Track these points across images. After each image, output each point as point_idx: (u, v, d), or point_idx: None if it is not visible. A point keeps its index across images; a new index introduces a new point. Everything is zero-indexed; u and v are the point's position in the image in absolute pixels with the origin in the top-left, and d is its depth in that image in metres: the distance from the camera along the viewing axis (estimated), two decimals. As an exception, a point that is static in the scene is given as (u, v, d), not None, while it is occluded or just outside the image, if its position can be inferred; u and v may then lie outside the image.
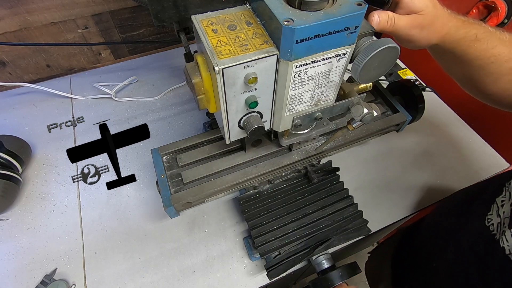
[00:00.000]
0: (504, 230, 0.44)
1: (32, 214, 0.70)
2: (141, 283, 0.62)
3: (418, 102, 0.73)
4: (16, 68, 0.88)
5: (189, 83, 0.43)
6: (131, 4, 0.88)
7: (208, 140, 0.66)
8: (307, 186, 0.68)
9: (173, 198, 0.57)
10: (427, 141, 0.84)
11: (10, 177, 0.67)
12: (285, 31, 0.35)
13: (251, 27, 0.40)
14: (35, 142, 0.80)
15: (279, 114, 0.48)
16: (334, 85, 0.47)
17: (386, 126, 0.69)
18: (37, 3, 0.78)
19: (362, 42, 0.42)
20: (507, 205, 0.45)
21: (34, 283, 0.61)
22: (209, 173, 0.61)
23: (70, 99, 0.90)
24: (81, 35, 0.89)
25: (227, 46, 0.38)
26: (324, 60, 0.41)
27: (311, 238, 0.62)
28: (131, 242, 0.67)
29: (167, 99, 0.91)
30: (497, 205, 0.47)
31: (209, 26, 0.40)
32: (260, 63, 0.38)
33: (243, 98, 0.43)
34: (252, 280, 0.63)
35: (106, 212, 0.70)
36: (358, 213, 0.65)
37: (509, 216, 0.44)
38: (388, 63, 0.43)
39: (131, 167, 0.77)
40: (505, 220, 0.44)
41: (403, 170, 0.79)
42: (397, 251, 0.78)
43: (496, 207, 0.47)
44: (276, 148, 0.64)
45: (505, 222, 0.44)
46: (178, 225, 0.69)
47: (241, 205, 0.65)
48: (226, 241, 0.67)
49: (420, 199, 0.74)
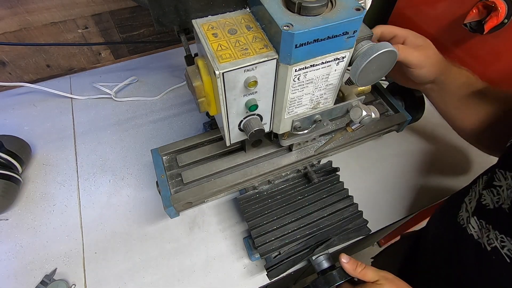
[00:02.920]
0: (469, 220, 0.50)
1: (32, 214, 0.70)
2: (141, 283, 0.63)
3: (418, 102, 0.73)
4: (16, 68, 0.88)
5: (190, 86, 0.43)
6: (131, 4, 0.88)
7: (208, 140, 0.66)
8: (307, 186, 0.68)
9: (173, 198, 0.57)
10: (427, 141, 0.84)
11: (10, 177, 0.67)
12: (284, 36, 0.35)
13: (251, 31, 0.40)
14: (35, 142, 0.81)
15: (278, 117, 0.48)
16: (333, 88, 0.47)
17: (386, 126, 0.70)
18: (37, 3, 0.78)
19: (361, 46, 0.42)
20: (473, 201, 0.52)
21: (34, 283, 0.62)
22: (209, 173, 0.61)
23: (70, 99, 0.90)
24: (81, 35, 0.89)
25: (228, 50, 0.38)
26: (323, 64, 0.41)
27: (311, 238, 0.62)
28: (131, 242, 0.67)
29: (167, 99, 0.92)
30: (466, 204, 0.53)
31: (209, 30, 0.40)
32: (260, 67, 0.39)
33: (243, 101, 0.43)
34: (252, 280, 0.63)
35: (106, 212, 0.71)
36: (358, 213, 0.65)
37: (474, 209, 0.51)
38: (387, 66, 0.43)
39: (131, 167, 0.78)
40: (472, 213, 0.51)
41: (403, 170, 0.79)
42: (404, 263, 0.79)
43: (465, 205, 0.54)
44: (276, 149, 0.64)
45: (470, 214, 0.51)
46: (178, 225, 0.69)
47: (241, 205, 0.65)
48: (226, 241, 0.68)
49: (420, 199, 0.74)
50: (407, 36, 0.56)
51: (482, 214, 0.49)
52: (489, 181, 0.49)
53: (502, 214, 0.44)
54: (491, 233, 0.45)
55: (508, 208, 0.43)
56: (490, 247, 0.45)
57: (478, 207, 0.50)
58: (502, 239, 0.43)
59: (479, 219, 0.49)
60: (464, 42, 0.85)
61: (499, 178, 0.47)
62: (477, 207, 0.50)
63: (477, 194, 0.52)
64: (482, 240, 0.47)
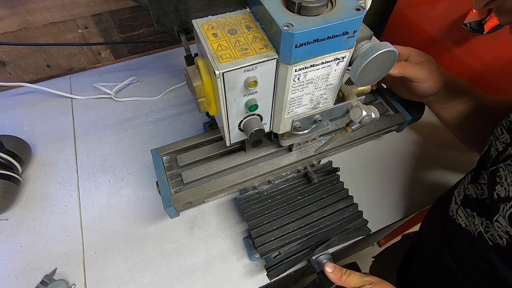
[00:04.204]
0: (457, 210, 0.55)
1: (32, 214, 0.70)
2: (141, 283, 0.63)
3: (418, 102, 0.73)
4: (16, 68, 0.88)
5: (190, 86, 0.43)
6: (131, 4, 0.88)
7: (208, 140, 0.66)
8: (307, 186, 0.68)
9: (173, 198, 0.57)
10: (427, 141, 0.84)
11: (10, 177, 0.67)
12: (284, 36, 0.35)
13: (251, 31, 0.40)
14: (35, 142, 0.81)
15: (278, 117, 0.48)
16: (333, 88, 0.47)
17: (386, 126, 0.70)
18: (37, 3, 0.78)
19: (361, 46, 0.42)
20: (462, 194, 0.56)
21: (34, 283, 0.62)
22: (209, 174, 0.61)
23: (70, 99, 0.91)
24: (81, 35, 0.89)
25: (228, 50, 0.38)
26: (323, 64, 0.41)
27: (311, 238, 0.62)
28: (131, 242, 0.67)
29: (167, 99, 0.92)
30: (455, 196, 0.58)
31: (209, 30, 0.40)
32: (260, 67, 0.39)
33: (243, 101, 0.43)
34: (252, 280, 0.63)
35: (106, 212, 0.71)
36: (358, 213, 0.65)
37: (462, 200, 0.55)
38: (387, 66, 0.43)
39: (131, 167, 0.78)
40: (460, 204, 0.55)
41: (403, 170, 0.79)
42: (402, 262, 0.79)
43: (454, 198, 0.58)
44: (276, 149, 0.64)
45: (459, 205, 0.55)
46: (178, 225, 0.69)
47: (241, 205, 0.65)
48: (226, 241, 0.68)
49: (420, 199, 0.74)
50: (410, 53, 0.61)
51: (467, 204, 0.53)
52: (475, 178, 0.54)
53: (484, 202, 0.50)
54: (476, 219, 0.50)
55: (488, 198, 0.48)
56: (476, 233, 0.49)
57: (464, 198, 0.55)
58: (487, 225, 0.47)
59: (465, 208, 0.53)
60: (464, 42, 0.85)
61: (484, 177, 0.51)
62: (464, 198, 0.55)
63: (466, 187, 0.56)
64: (470, 227, 0.51)
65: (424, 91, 0.61)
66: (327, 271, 0.55)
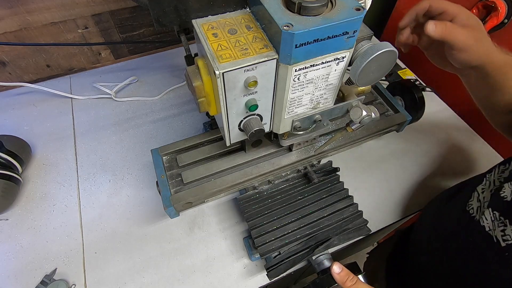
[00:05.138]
0: (483, 211, 0.47)
1: (32, 214, 0.70)
2: (141, 283, 0.63)
3: (418, 102, 0.73)
4: (16, 68, 0.88)
5: (190, 86, 0.43)
6: (131, 4, 0.88)
7: (208, 140, 0.66)
8: (307, 186, 0.68)
9: (173, 198, 0.57)
10: (427, 141, 0.84)
11: (10, 177, 0.67)
12: (284, 36, 0.35)
13: (251, 31, 0.40)
14: (35, 142, 0.81)
15: (278, 117, 0.48)
16: (333, 88, 0.47)
17: (386, 126, 0.70)
18: (37, 3, 0.78)
19: (361, 46, 0.42)
20: (487, 192, 0.49)
21: (34, 283, 0.62)
22: (209, 174, 0.62)
23: (70, 99, 0.90)
24: (81, 35, 0.89)
25: (228, 50, 0.38)
26: (323, 63, 0.41)
27: (311, 238, 0.62)
28: (131, 242, 0.67)
29: (167, 99, 0.92)
30: (478, 193, 0.51)
31: (209, 30, 0.40)
32: (260, 67, 0.39)
33: (243, 101, 0.44)
34: (252, 280, 0.63)
35: (106, 212, 0.71)
36: (358, 213, 0.65)
37: (489, 200, 0.47)
38: (386, 66, 0.43)
39: (131, 167, 0.78)
40: (485, 203, 0.48)
41: (403, 170, 0.79)
42: (391, 252, 0.79)
43: (476, 194, 0.51)
44: (276, 149, 0.64)
45: (484, 205, 0.48)
46: (178, 225, 0.69)
47: (241, 205, 0.65)
48: (226, 241, 0.68)
49: (420, 199, 0.74)
50: (458, 13, 0.49)
51: (498, 206, 0.45)
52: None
53: None
54: (508, 228, 0.42)
55: None
56: (505, 243, 0.42)
57: (495, 198, 0.46)
58: None
59: (494, 211, 0.45)
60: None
61: None
62: (494, 198, 0.47)
63: (491, 184, 0.49)
64: (494, 233, 0.44)
65: (461, 61, 0.50)
66: (334, 270, 0.53)
